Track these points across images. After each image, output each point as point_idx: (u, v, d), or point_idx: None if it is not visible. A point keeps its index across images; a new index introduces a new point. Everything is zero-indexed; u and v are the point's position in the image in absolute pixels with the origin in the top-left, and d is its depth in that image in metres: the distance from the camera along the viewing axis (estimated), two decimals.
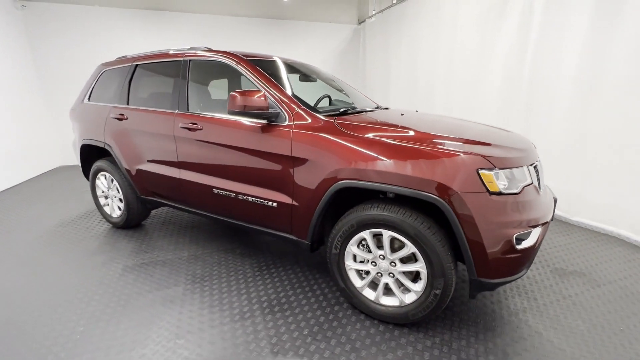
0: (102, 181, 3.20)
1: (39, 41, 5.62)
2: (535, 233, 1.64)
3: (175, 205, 2.75)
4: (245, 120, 2.13)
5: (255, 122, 2.10)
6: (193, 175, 2.44)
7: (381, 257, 1.82)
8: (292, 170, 1.96)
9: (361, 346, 1.72)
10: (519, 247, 1.58)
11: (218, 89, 2.75)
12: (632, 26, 2.69)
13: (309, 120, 1.96)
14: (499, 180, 1.55)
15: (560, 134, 3.31)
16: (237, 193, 2.23)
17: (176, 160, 2.51)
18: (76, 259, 2.65)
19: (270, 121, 2.04)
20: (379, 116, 2.15)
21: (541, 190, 1.84)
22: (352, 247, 1.88)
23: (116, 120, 2.84)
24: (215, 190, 2.33)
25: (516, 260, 1.60)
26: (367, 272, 1.92)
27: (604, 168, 3.02)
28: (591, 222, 3.19)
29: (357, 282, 1.94)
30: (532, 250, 1.64)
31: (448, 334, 1.81)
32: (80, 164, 3.33)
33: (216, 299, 2.13)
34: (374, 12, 6.77)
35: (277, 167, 2.02)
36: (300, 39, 7.13)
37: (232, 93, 1.93)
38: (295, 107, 2.02)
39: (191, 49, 2.60)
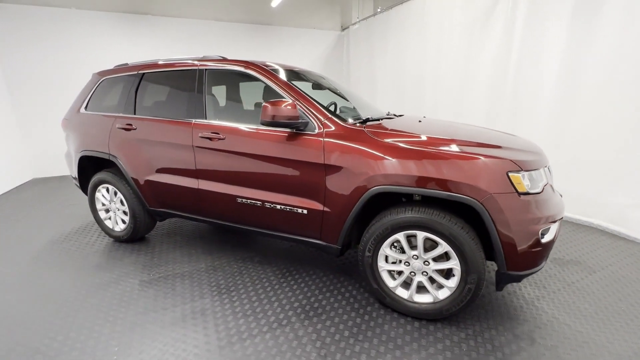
0: (102, 194, 3.05)
1: (7, 46, 5.22)
2: (554, 228, 1.82)
3: (189, 216, 2.70)
4: (272, 130, 2.17)
5: (282, 131, 2.14)
6: (213, 185, 2.42)
7: (414, 257, 1.92)
8: (324, 178, 2.02)
9: (403, 343, 1.81)
10: (542, 241, 1.75)
11: (234, 98, 2.74)
12: (606, 37, 3.02)
13: (340, 129, 2.03)
14: (525, 181, 1.71)
15: (542, 134, 3.62)
16: (263, 201, 2.25)
17: (194, 170, 2.47)
18: (85, 278, 2.52)
19: (298, 130, 2.09)
20: (402, 123, 2.27)
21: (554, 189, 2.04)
22: (385, 249, 1.97)
23: (123, 130, 2.74)
24: (239, 200, 2.33)
25: (540, 253, 1.77)
26: (400, 272, 2.02)
27: (583, 165, 3.35)
28: (575, 215, 3.51)
29: (390, 282, 2.03)
30: (551, 244, 1.82)
31: (478, 326, 1.94)
32: (76, 177, 3.16)
33: (248, 308, 2.13)
34: (357, 19, 6.98)
35: (308, 174, 2.07)
36: (285, 45, 7.18)
37: (264, 104, 1.96)
38: (325, 116, 2.08)
39: (204, 57, 2.59)
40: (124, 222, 3.04)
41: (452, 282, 1.86)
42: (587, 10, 3.14)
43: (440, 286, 1.93)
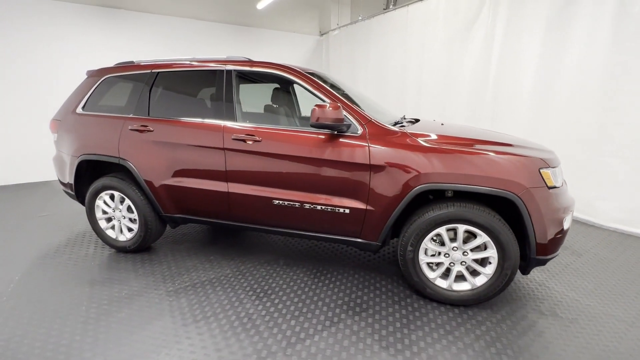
0: (104, 201, 2.81)
1: None
2: (570, 217, 2.11)
3: (211, 220, 2.61)
4: (311, 132, 2.21)
5: (322, 133, 2.19)
6: (247, 187, 2.38)
7: (454, 248, 2.09)
8: (368, 178, 2.11)
9: (451, 328, 1.96)
10: (564, 228, 2.02)
11: (264, 99, 2.71)
12: (575, 49, 3.51)
13: (382, 131, 2.14)
14: (552, 177, 1.96)
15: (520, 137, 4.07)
16: (302, 202, 2.27)
17: (223, 173, 2.41)
18: (100, 293, 2.32)
19: (340, 132, 2.16)
20: (432, 127, 2.43)
21: None
22: (427, 243, 2.11)
23: (136, 132, 2.57)
24: (276, 202, 2.32)
25: (561, 240, 2.04)
26: (438, 264, 2.17)
27: None
28: None
29: (430, 274, 2.17)
30: (567, 231, 2.10)
31: (508, 308, 2.17)
32: (71, 183, 2.87)
33: (294, 309, 2.14)
34: (337, 26, 7.17)
35: (351, 175, 2.14)
36: (266, 47, 7.13)
37: (315, 107, 2.00)
38: (365, 119, 2.18)
39: (229, 58, 2.54)
40: (129, 230, 2.83)
41: (489, 270, 2.06)
42: (559, 26, 3.62)
43: (477, 274, 2.12)
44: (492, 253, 2.02)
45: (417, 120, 2.77)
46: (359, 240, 2.28)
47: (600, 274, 2.60)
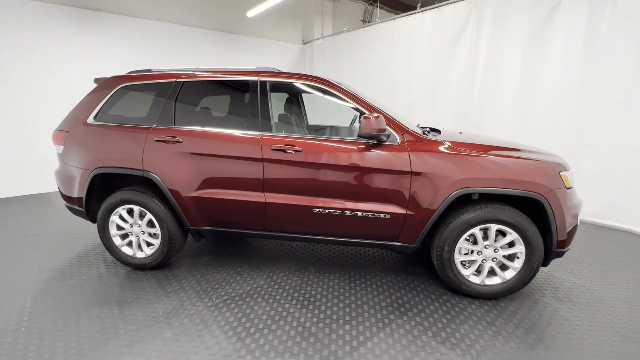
0: (120, 216, 2.65)
1: None
2: (580, 214, 2.41)
3: (242, 231, 2.58)
4: (352, 141, 2.30)
5: (361, 142, 2.29)
6: (286, 197, 2.39)
7: (486, 246, 2.29)
8: (409, 184, 2.24)
9: (492, 320, 2.14)
10: (577, 223, 2.31)
11: (297, 111, 2.74)
12: (552, 65, 3.98)
13: (419, 140, 2.29)
14: (569, 179, 2.24)
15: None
16: (343, 210, 2.34)
17: (261, 183, 2.40)
18: (134, 315, 2.18)
19: (380, 141, 2.28)
20: (456, 135, 2.62)
21: None
22: (462, 243, 2.29)
23: (162, 143, 2.47)
24: (316, 210, 2.37)
25: (574, 233, 2.32)
26: (471, 262, 2.36)
27: None
28: None
29: (464, 271, 2.35)
30: (578, 225, 2.39)
31: (530, 298, 2.40)
32: (82, 197, 2.66)
33: (342, 314, 2.19)
34: (321, 36, 7.34)
35: (392, 181, 2.26)
36: (249, 55, 7.08)
37: (364, 118, 2.10)
38: (403, 129, 2.32)
39: (259, 68, 2.55)
40: (148, 246, 2.70)
41: (518, 264, 2.28)
42: (537, 43, 4.07)
43: (505, 269, 2.33)
44: (520, 249, 2.24)
45: (434, 130, 2.97)
46: (397, 243, 2.39)
47: (593, 262, 2.97)
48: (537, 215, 2.27)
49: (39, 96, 4.88)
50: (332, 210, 2.35)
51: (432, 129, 2.96)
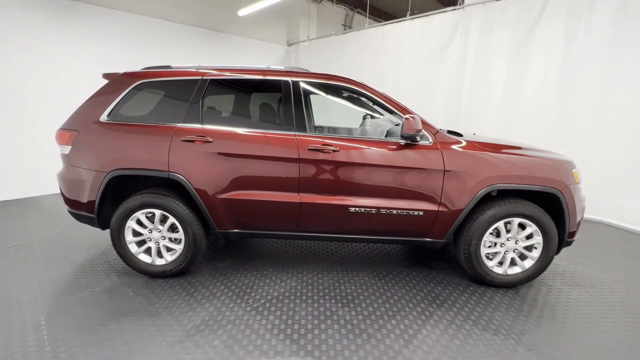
0: (138, 221, 2.48)
1: None
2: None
3: (274, 232, 2.54)
4: (387, 141, 2.38)
5: (395, 142, 2.38)
6: (321, 197, 2.40)
7: (508, 239, 2.47)
8: (442, 181, 2.36)
9: (519, 306, 2.32)
10: (584, 215, 2.58)
11: (328, 111, 2.74)
12: (534, 73, 4.39)
13: (449, 140, 2.42)
14: (579, 175, 2.50)
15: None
16: (378, 208, 2.40)
17: (296, 184, 2.39)
18: (171, 325, 2.06)
19: (414, 141, 2.37)
20: (482, 137, 2.79)
21: None
22: (487, 236, 2.45)
23: (190, 143, 2.36)
24: (352, 209, 2.40)
25: (580, 224, 2.59)
26: (494, 254, 2.53)
27: None
28: None
29: (489, 263, 2.51)
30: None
31: (544, 285, 2.63)
32: (96, 203, 2.44)
33: (384, 310, 2.24)
34: (307, 38, 7.38)
35: (426, 179, 2.36)
36: (235, 54, 6.93)
37: (407, 119, 2.19)
38: (434, 129, 2.44)
39: (289, 69, 2.54)
40: (168, 251, 2.55)
41: (536, 254, 2.49)
42: (520, 53, 4.46)
43: (524, 259, 2.54)
44: (538, 240, 2.46)
45: (454, 132, 3.13)
46: (427, 239, 2.50)
47: (583, 250, 3.31)
48: (551, 209, 2.50)
49: (8, 91, 4.38)
50: (368, 209, 2.40)
51: (450, 132, 3.13)
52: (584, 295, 2.49)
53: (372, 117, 3.30)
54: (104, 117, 2.46)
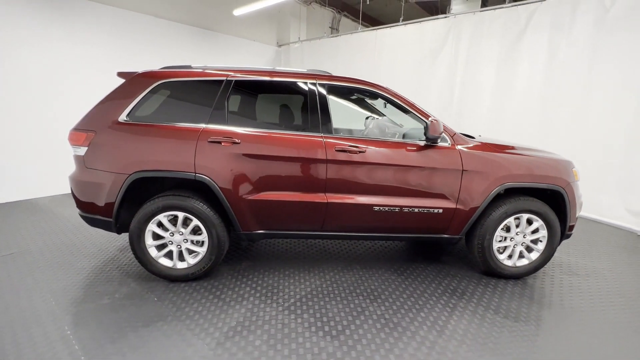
0: (159, 224, 2.42)
1: None
2: None
3: (298, 232, 2.58)
4: (410, 142, 2.50)
5: (414, 144, 2.50)
6: (347, 197, 2.47)
7: (517, 233, 2.67)
8: (460, 180, 2.51)
9: (531, 294, 2.51)
10: (581, 211, 2.83)
11: (350, 114, 2.80)
12: (520, 80, 4.71)
13: (465, 141, 2.57)
14: (578, 173, 2.74)
15: None
16: (401, 207, 2.51)
17: (323, 184, 2.44)
18: (213, 330, 2.04)
19: (434, 142, 2.51)
20: (484, 138, 2.97)
21: None
22: (499, 231, 2.63)
23: (216, 144, 2.34)
24: (377, 208, 2.49)
25: (577, 218, 2.85)
26: (505, 248, 2.71)
27: None
28: None
29: (500, 256, 2.69)
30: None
31: (547, 276, 2.86)
32: (115, 206, 2.35)
33: (411, 304, 2.35)
34: (298, 39, 7.42)
35: (446, 178, 2.50)
36: (225, 53, 6.82)
37: (433, 122, 2.31)
38: (451, 131, 2.58)
39: (311, 71, 2.59)
40: (190, 254, 2.51)
41: (541, 246, 2.70)
42: (508, 61, 4.78)
43: (530, 251, 2.74)
44: (543, 233, 2.67)
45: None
46: (445, 236, 2.64)
47: (571, 242, 3.61)
48: (553, 205, 2.72)
49: None
50: (392, 208, 2.50)
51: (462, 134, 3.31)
52: (583, 283, 2.73)
53: (373, 118, 3.42)
54: (123, 118, 2.38)
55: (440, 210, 2.54)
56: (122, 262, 2.86)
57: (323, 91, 2.52)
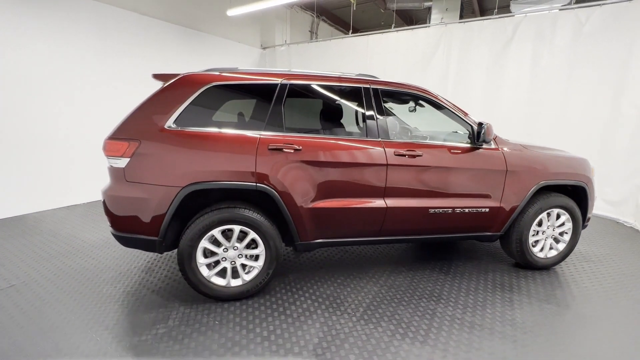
0: (213, 240, 2.22)
1: None
2: None
3: (354, 239, 2.54)
4: (459, 145, 2.59)
5: (461, 147, 2.60)
6: (405, 201, 2.48)
7: (548, 227, 2.89)
8: (504, 180, 2.65)
9: (558, 281, 2.73)
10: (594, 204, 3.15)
11: (403, 116, 2.80)
12: (509, 80, 5.12)
13: (505, 143, 2.73)
14: (594, 171, 3.04)
15: None
16: (454, 208, 2.58)
17: (382, 189, 2.42)
18: (296, 347, 1.92)
19: (479, 144, 2.63)
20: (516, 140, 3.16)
21: None
22: (534, 226, 2.83)
23: (276, 152, 2.21)
24: (432, 210, 2.53)
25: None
26: (536, 241, 2.92)
27: None
28: None
29: (534, 249, 2.90)
30: None
31: (566, 262, 3.14)
32: (165, 223, 2.10)
33: (473, 301, 2.42)
34: (284, 42, 7.30)
35: (493, 179, 2.63)
36: (208, 54, 6.46)
37: (488, 126, 2.41)
38: (495, 134, 2.72)
39: (360, 75, 2.57)
40: (244, 269, 2.34)
41: (567, 237, 2.95)
42: (496, 67, 5.17)
43: (557, 242, 2.98)
44: (569, 226, 2.92)
45: None
46: (488, 233, 2.78)
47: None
48: (575, 199, 2.99)
49: None
50: (446, 210, 2.57)
51: None
52: (599, 267, 3.04)
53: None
54: (170, 124, 2.14)
55: (487, 210, 2.66)
56: (154, 284, 2.57)
57: (378, 96, 2.51)
